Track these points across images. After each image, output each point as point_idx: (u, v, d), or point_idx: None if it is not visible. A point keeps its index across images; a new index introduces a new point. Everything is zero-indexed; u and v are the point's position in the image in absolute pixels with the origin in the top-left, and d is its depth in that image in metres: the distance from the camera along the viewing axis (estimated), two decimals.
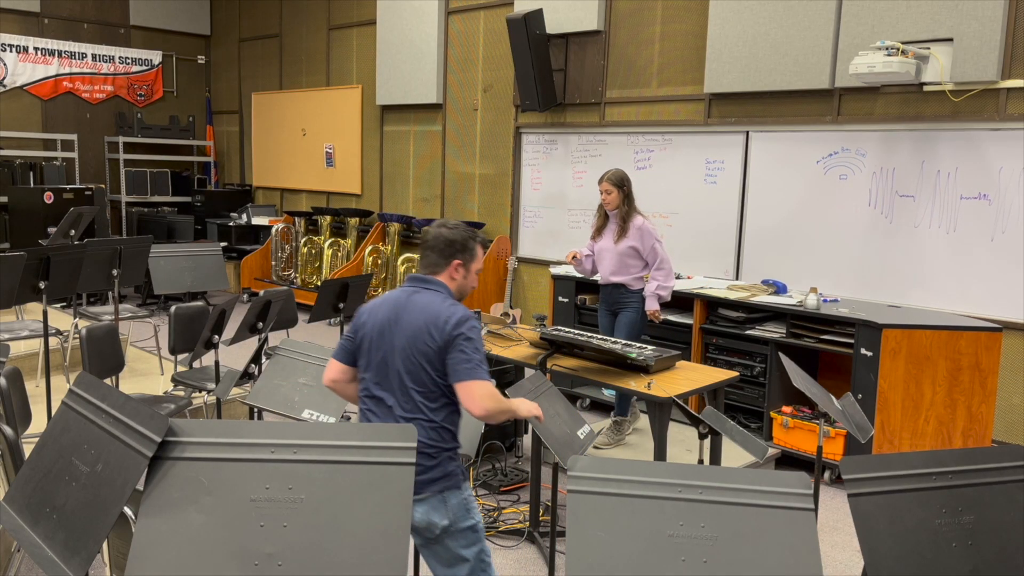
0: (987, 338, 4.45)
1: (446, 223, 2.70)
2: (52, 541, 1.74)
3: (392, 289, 8.35)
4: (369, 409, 2.61)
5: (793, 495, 1.82)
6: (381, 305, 2.63)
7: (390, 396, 2.56)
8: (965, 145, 4.98)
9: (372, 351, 2.59)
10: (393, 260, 8.51)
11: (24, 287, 4.39)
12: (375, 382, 2.59)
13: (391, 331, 2.56)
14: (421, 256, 2.69)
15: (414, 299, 2.60)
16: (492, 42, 7.72)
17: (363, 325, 2.63)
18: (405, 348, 2.53)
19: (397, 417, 2.54)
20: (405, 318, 2.56)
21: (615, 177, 4.85)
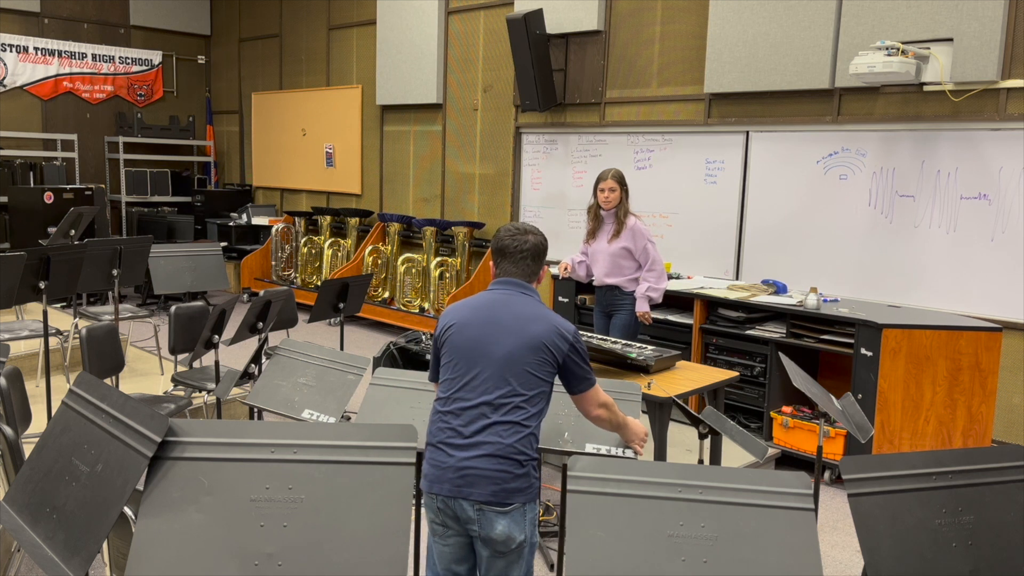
0: (987, 338, 4.45)
1: (528, 228, 2.66)
2: (52, 541, 1.74)
3: (388, 288, 8.35)
4: (450, 412, 2.49)
5: (793, 495, 1.82)
6: (471, 308, 2.57)
7: (481, 399, 2.46)
8: (965, 145, 4.98)
9: (463, 354, 2.51)
10: (393, 260, 8.51)
11: (24, 287, 4.39)
12: (464, 384, 2.49)
13: (490, 334, 2.50)
14: (515, 263, 2.61)
15: (514, 303, 2.55)
16: (492, 42, 7.72)
17: (450, 329, 2.56)
18: (514, 353, 2.47)
19: (488, 422, 2.44)
20: (509, 323, 2.50)
21: (619, 175, 4.89)
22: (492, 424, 2.44)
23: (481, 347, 2.49)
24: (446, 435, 2.47)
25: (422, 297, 8.11)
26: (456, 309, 2.60)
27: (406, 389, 3.07)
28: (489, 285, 2.67)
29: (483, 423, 2.44)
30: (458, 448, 2.44)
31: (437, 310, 7.85)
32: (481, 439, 2.43)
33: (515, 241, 2.62)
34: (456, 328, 2.54)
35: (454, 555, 2.56)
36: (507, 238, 2.63)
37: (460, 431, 2.46)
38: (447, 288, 7.88)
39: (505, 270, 2.63)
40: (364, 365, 3.25)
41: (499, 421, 2.44)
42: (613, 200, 4.84)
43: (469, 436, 2.44)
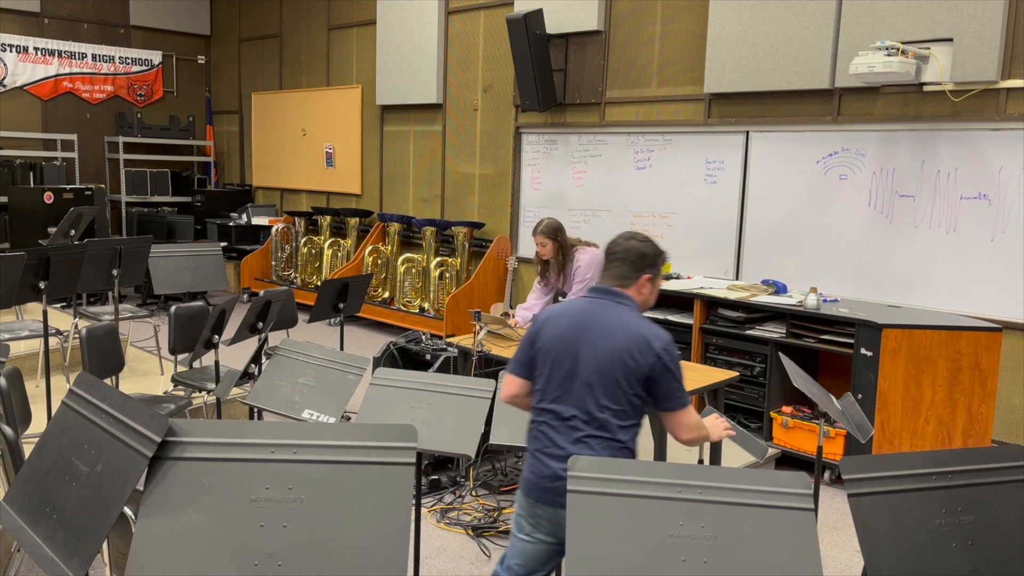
0: (987, 338, 4.45)
1: (636, 235, 2.61)
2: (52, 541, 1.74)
3: (388, 288, 8.35)
4: (544, 422, 2.47)
5: (793, 495, 1.82)
6: (563, 314, 2.52)
7: (572, 411, 2.43)
8: (965, 145, 4.98)
9: (554, 363, 2.47)
10: (393, 260, 8.51)
11: (24, 287, 4.39)
12: (555, 396, 2.46)
13: (579, 343, 2.45)
14: (608, 267, 2.57)
15: (606, 312, 2.48)
16: (492, 42, 7.72)
17: (541, 335, 2.52)
18: (601, 364, 2.41)
19: (580, 434, 2.41)
20: (598, 332, 2.45)
21: (548, 229, 4.73)
22: (586, 437, 2.41)
23: (571, 358, 2.45)
24: (542, 444, 2.47)
25: (422, 297, 8.11)
26: (552, 314, 2.55)
27: (406, 389, 3.07)
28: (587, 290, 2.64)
29: (576, 435, 2.42)
30: (554, 459, 2.42)
31: (437, 310, 7.85)
32: (575, 451, 2.40)
33: (615, 245, 2.58)
34: (549, 335, 2.49)
35: (534, 553, 2.53)
36: (613, 242, 2.61)
37: (555, 442, 2.44)
38: (447, 288, 7.88)
39: (602, 275, 2.61)
40: (364, 365, 3.25)
41: (592, 435, 2.41)
42: (547, 254, 4.78)
43: (564, 448, 2.42)
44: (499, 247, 7.71)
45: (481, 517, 4.11)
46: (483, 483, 4.46)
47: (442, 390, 3.04)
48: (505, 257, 7.69)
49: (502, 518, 4.11)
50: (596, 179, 6.97)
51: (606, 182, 6.89)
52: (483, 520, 4.07)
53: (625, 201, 6.77)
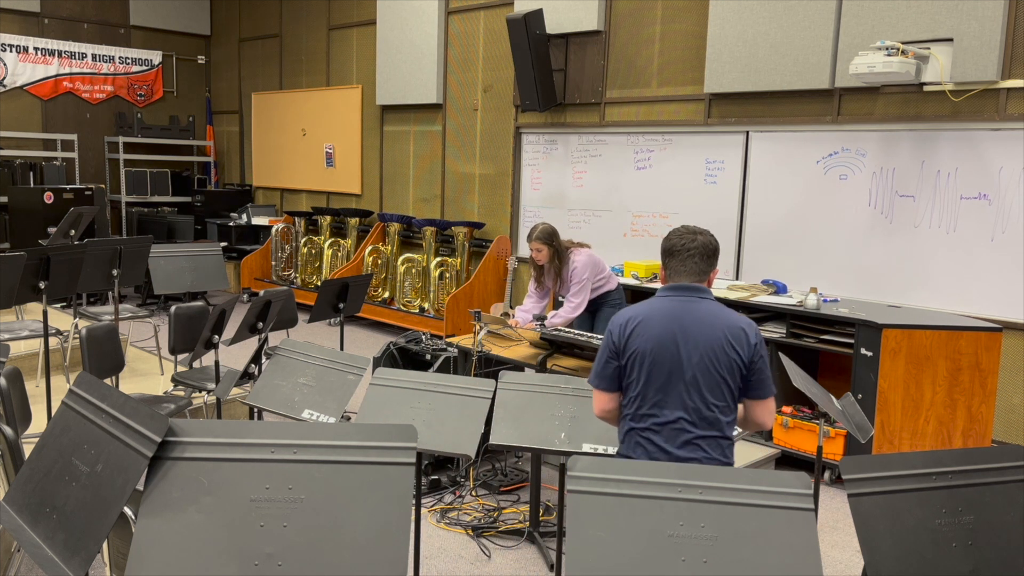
0: (987, 338, 4.45)
1: (698, 229, 2.58)
2: (52, 541, 1.74)
3: (388, 288, 8.35)
4: (647, 428, 2.42)
5: (793, 495, 1.82)
6: (650, 317, 2.47)
7: (678, 413, 2.40)
8: (965, 145, 4.98)
9: (652, 367, 2.42)
10: (393, 260, 8.51)
11: (24, 287, 4.39)
12: (656, 400, 2.41)
13: (677, 343, 2.41)
14: (684, 263, 2.53)
15: (697, 308, 2.46)
16: (492, 42, 7.72)
17: (632, 342, 2.45)
18: (704, 362, 2.39)
19: (690, 436, 2.38)
20: (695, 329, 2.42)
21: (543, 235, 4.79)
22: (695, 439, 2.39)
23: (671, 359, 2.41)
24: (649, 451, 2.41)
25: (422, 297, 8.11)
26: (635, 318, 2.49)
27: (406, 389, 3.07)
28: (659, 290, 2.58)
29: (685, 438, 2.39)
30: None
31: (437, 310, 7.85)
32: (686, 455, 2.38)
33: (683, 240, 2.55)
34: (642, 341, 2.44)
35: None
36: (675, 238, 2.57)
37: (664, 448, 2.40)
38: (447, 288, 7.88)
39: (675, 271, 2.56)
40: (364, 365, 3.25)
41: (702, 436, 2.39)
42: (543, 259, 4.82)
43: (672, 453, 2.38)
44: (499, 247, 7.71)
45: (481, 517, 4.11)
46: (483, 483, 4.46)
47: (442, 390, 3.04)
48: (505, 257, 7.69)
49: (502, 518, 4.11)
50: (596, 179, 6.97)
51: (606, 182, 6.89)
52: (483, 520, 4.07)
53: (625, 201, 6.77)
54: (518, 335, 4.64)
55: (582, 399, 3.04)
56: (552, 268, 4.84)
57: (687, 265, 2.54)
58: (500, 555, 3.75)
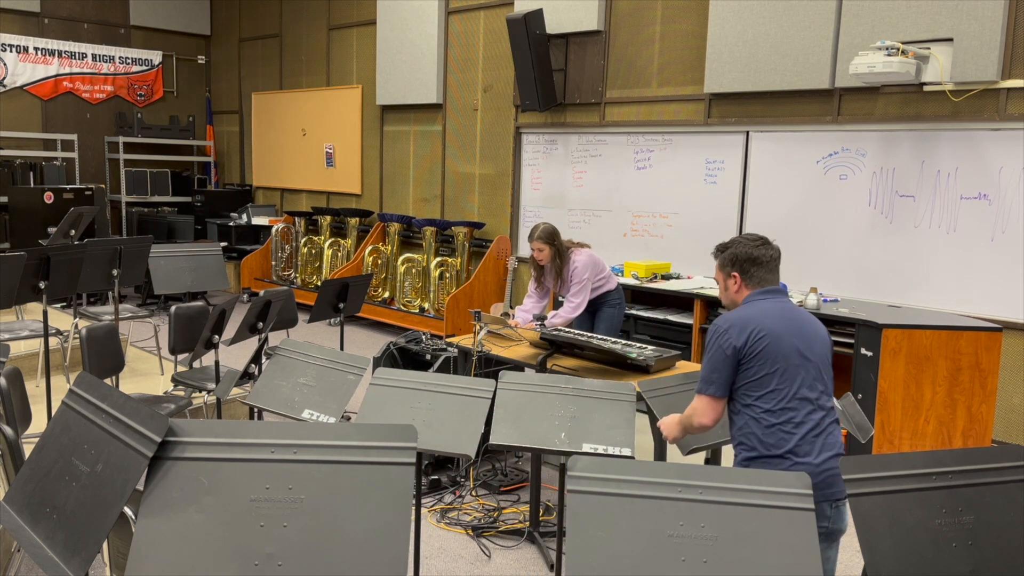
0: (987, 338, 4.45)
1: (761, 237, 2.76)
2: (52, 541, 1.74)
3: (388, 288, 8.34)
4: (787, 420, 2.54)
5: (793, 495, 1.82)
6: (771, 319, 2.59)
7: (816, 404, 2.57)
8: (965, 145, 4.98)
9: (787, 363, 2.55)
10: (393, 260, 8.51)
11: (24, 287, 4.39)
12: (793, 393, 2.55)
13: (802, 341, 2.59)
14: (770, 271, 2.71)
15: (797, 309, 2.69)
16: (492, 42, 7.72)
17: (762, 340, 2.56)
18: (822, 355, 2.62)
19: (828, 421, 2.58)
20: (807, 328, 2.63)
21: (544, 234, 4.81)
22: (829, 425, 2.57)
23: (800, 355, 2.57)
24: (794, 443, 2.52)
25: (422, 297, 8.11)
26: (756, 318, 2.60)
27: (406, 389, 3.07)
28: (749, 296, 2.71)
29: (823, 426, 2.56)
30: (812, 454, 2.51)
31: (437, 310, 7.85)
32: (826, 441, 2.55)
33: (769, 251, 2.72)
34: (770, 339, 2.56)
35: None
36: (756, 248, 2.71)
37: (809, 438, 2.53)
38: (447, 288, 7.88)
39: (762, 279, 2.71)
40: (364, 365, 3.25)
41: (832, 421, 2.59)
42: (544, 259, 4.83)
43: (816, 439, 2.53)
44: (499, 247, 7.71)
45: (481, 517, 4.11)
46: (483, 483, 4.46)
47: (442, 390, 3.04)
48: (505, 257, 7.69)
49: (502, 518, 4.11)
50: (596, 179, 6.97)
51: (606, 182, 6.89)
52: (483, 520, 4.07)
53: (625, 201, 6.77)
54: (518, 335, 4.64)
55: (582, 399, 3.04)
56: (553, 268, 4.84)
57: (774, 273, 2.73)
58: (500, 555, 3.75)
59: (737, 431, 2.63)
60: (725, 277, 2.77)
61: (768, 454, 2.53)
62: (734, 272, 2.73)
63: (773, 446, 2.53)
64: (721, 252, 2.79)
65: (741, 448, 2.61)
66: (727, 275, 2.76)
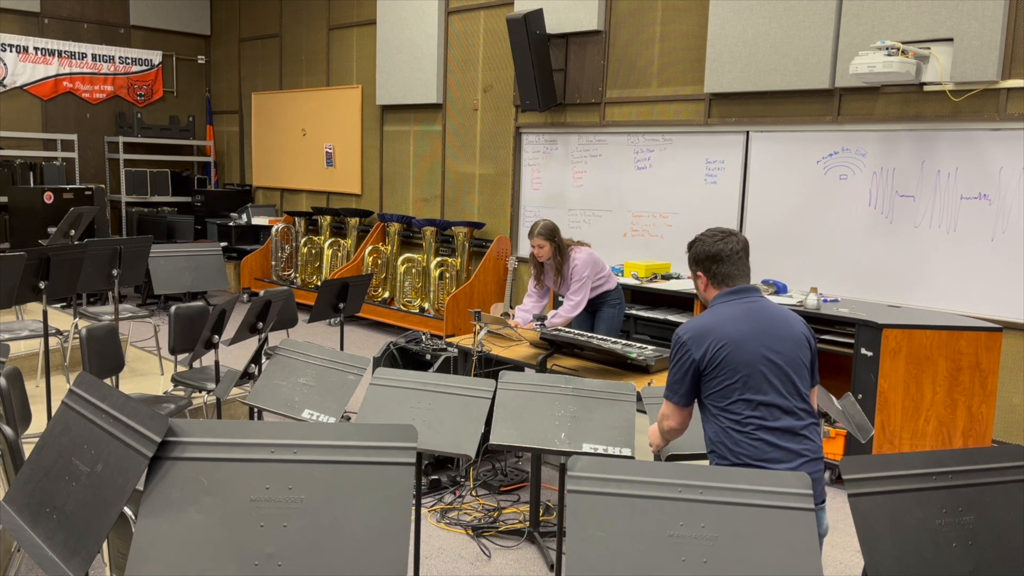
0: (987, 338, 4.45)
1: (727, 230, 2.64)
2: (52, 541, 1.74)
3: (388, 288, 8.35)
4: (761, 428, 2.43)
5: (793, 495, 1.82)
6: (733, 323, 2.49)
7: (786, 410, 2.46)
8: (965, 145, 4.98)
9: (752, 370, 2.45)
10: (393, 260, 8.51)
11: (24, 287, 4.39)
12: (763, 400, 2.44)
13: (769, 345, 2.47)
14: (734, 265, 2.59)
15: (765, 308, 2.55)
16: (492, 42, 7.72)
17: (724, 348, 2.46)
18: (793, 358, 2.49)
19: (802, 425, 2.47)
20: (776, 329, 2.50)
21: (545, 230, 4.80)
22: (804, 429, 2.47)
23: (767, 360, 2.46)
24: (765, 452, 2.44)
25: (422, 297, 8.11)
26: (715, 327, 2.50)
27: (406, 389, 3.07)
28: (716, 296, 2.60)
29: (797, 431, 2.46)
30: (785, 461, 2.43)
31: (437, 310, 7.85)
32: (801, 448, 2.45)
33: (727, 244, 2.58)
34: (731, 348, 2.46)
35: None
36: (716, 243, 2.59)
37: (779, 445, 2.44)
38: (447, 288, 7.88)
39: (727, 275, 2.59)
40: (364, 365, 3.25)
41: (809, 424, 2.49)
42: (545, 255, 4.83)
43: (789, 446, 2.44)
44: (499, 247, 7.71)
45: (481, 517, 4.11)
46: (483, 483, 4.46)
47: (442, 390, 3.04)
48: (505, 257, 7.69)
49: (502, 518, 4.11)
50: (596, 179, 6.97)
51: (606, 182, 6.89)
52: (483, 520, 4.07)
53: (625, 201, 6.77)
54: (518, 335, 4.64)
55: (582, 399, 3.04)
56: (553, 265, 4.84)
57: (738, 267, 2.59)
58: (500, 555, 3.75)
59: (709, 440, 2.56)
60: (694, 277, 2.69)
61: (740, 463, 2.46)
62: (699, 271, 2.64)
63: (745, 455, 2.45)
64: (687, 251, 2.70)
65: (714, 456, 2.54)
66: (694, 275, 2.68)
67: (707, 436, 2.57)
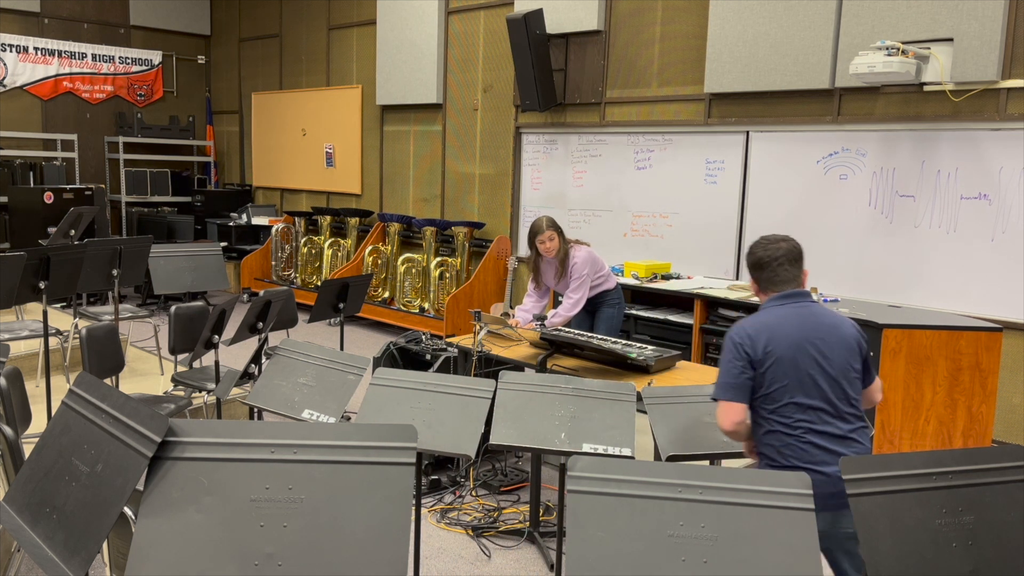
0: (987, 338, 4.45)
1: (779, 236, 2.72)
2: (52, 541, 1.74)
3: (388, 288, 8.34)
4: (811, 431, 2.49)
5: (793, 495, 1.82)
6: (782, 328, 2.55)
7: (835, 415, 2.50)
8: (965, 145, 4.98)
9: (801, 375, 2.51)
10: (393, 260, 8.51)
11: (24, 287, 4.39)
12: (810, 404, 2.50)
13: (818, 350, 2.52)
14: (778, 271, 2.66)
15: (816, 313, 2.60)
16: (492, 42, 7.72)
17: (772, 355, 2.52)
18: (843, 362, 2.54)
19: (850, 429, 2.50)
20: (825, 334, 2.55)
21: (552, 223, 4.83)
22: (851, 432, 2.51)
23: (817, 364, 2.51)
24: (818, 456, 2.48)
25: (422, 297, 8.11)
26: (766, 330, 2.56)
27: (406, 389, 3.07)
28: (767, 300, 2.67)
29: (845, 436, 2.50)
30: (834, 463, 2.45)
31: (437, 310, 7.85)
32: (849, 451, 2.49)
33: (768, 251, 2.67)
34: (781, 352, 2.52)
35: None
36: (759, 250, 2.69)
37: (828, 448, 2.48)
38: (447, 288, 7.88)
39: (771, 281, 2.67)
40: (364, 365, 3.25)
41: (855, 428, 2.52)
42: (554, 248, 4.82)
43: (839, 450, 2.48)
44: (499, 247, 7.71)
45: (481, 517, 4.11)
46: (483, 483, 4.46)
47: (442, 390, 3.04)
48: (505, 257, 7.69)
49: (502, 518, 4.11)
50: (596, 179, 6.97)
51: (606, 182, 6.89)
52: (483, 520, 4.07)
53: (625, 201, 6.77)
54: (518, 335, 4.64)
55: (582, 399, 3.04)
56: (556, 261, 4.84)
57: (781, 273, 2.66)
58: (500, 555, 3.75)
59: (758, 441, 2.62)
60: (751, 283, 2.78)
61: (789, 466, 2.51)
62: (752, 277, 2.74)
63: (794, 458, 2.50)
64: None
65: (763, 459, 2.59)
66: (751, 281, 2.77)
67: (756, 437, 2.62)
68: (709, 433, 2.92)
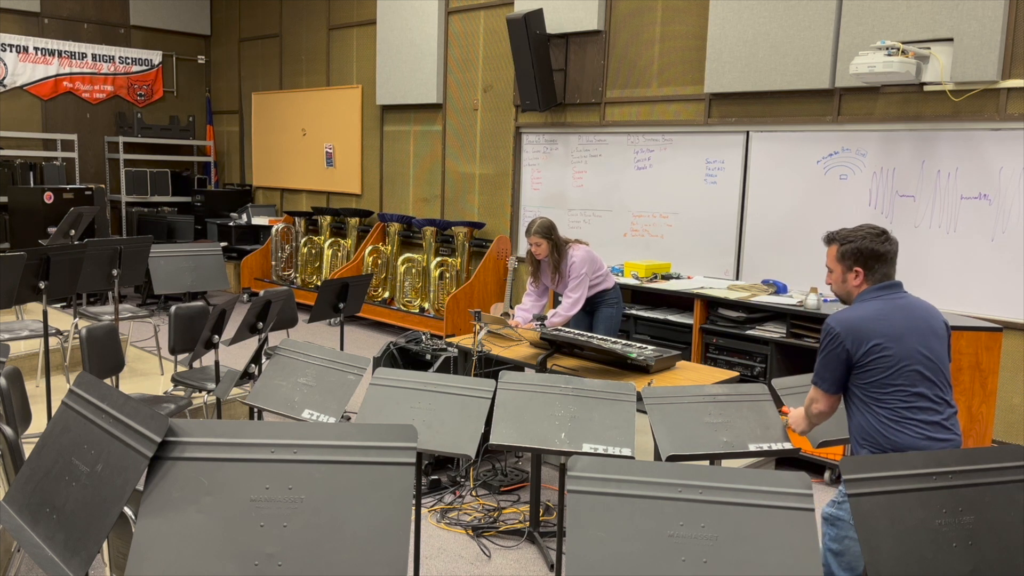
0: (987, 338, 4.45)
1: (882, 229, 2.79)
2: (52, 541, 1.74)
3: (388, 288, 8.34)
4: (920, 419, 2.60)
5: (793, 495, 1.82)
6: (889, 318, 2.65)
7: (940, 400, 2.63)
8: (965, 145, 4.98)
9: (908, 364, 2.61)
10: (393, 260, 8.51)
11: (24, 287, 4.39)
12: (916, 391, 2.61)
13: (921, 340, 2.64)
14: (891, 265, 2.77)
15: (914, 305, 2.72)
16: (492, 42, 7.72)
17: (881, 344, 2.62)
18: (940, 351, 2.67)
19: (943, 416, 2.61)
20: (924, 325, 2.66)
21: (542, 229, 4.84)
22: (947, 420, 2.62)
23: (921, 354, 2.62)
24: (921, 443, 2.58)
25: (422, 297, 8.11)
26: (870, 320, 2.65)
27: (406, 389, 3.07)
28: (865, 290, 2.75)
29: (943, 424, 2.61)
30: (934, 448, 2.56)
31: (437, 310, 7.85)
32: (946, 437, 2.60)
33: (890, 246, 2.76)
34: (889, 343, 2.62)
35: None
36: (878, 244, 2.75)
37: (930, 435, 2.58)
38: (447, 288, 7.88)
39: (883, 274, 2.77)
40: (364, 365, 3.25)
41: (951, 415, 2.63)
42: (542, 253, 4.85)
43: (939, 436, 2.59)
44: (499, 247, 7.71)
45: (481, 517, 4.11)
46: (483, 483, 4.46)
47: (442, 390, 3.04)
48: (505, 257, 7.69)
49: (502, 518, 4.11)
50: (596, 179, 6.97)
51: (606, 182, 6.89)
52: (483, 520, 4.07)
53: (625, 201, 6.77)
54: (518, 335, 4.64)
55: (582, 399, 3.04)
56: (551, 263, 4.85)
57: (893, 267, 2.79)
58: (500, 555, 3.75)
59: (857, 429, 2.67)
60: (845, 270, 2.80)
61: (889, 449, 2.60)
62: (857, 267, 2.77)
63: (901, 444, 2.59)
64: (841, 243, 2.80)
65: (865, 445, 2.65)
66: (847, 268, 2.79)
67: (854, 425, 2.70)
68: (709, 433, 2.92)
